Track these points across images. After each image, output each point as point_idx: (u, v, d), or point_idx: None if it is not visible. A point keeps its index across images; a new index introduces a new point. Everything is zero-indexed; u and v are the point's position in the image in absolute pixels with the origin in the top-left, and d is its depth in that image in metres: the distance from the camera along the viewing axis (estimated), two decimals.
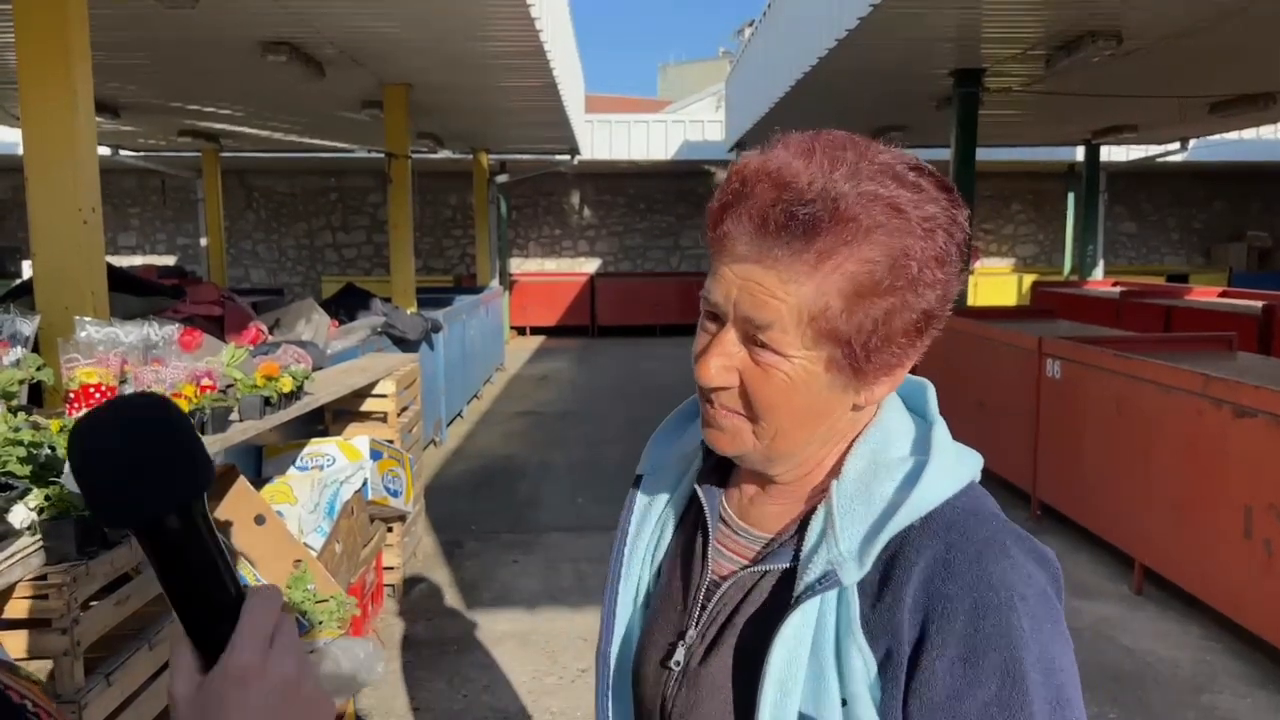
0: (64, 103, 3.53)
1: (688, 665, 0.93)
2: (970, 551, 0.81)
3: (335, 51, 7.04)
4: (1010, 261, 18.88)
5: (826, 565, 0.83)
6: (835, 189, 0.80)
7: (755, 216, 0.81)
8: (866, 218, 0.79)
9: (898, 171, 0.82)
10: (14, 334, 2.74)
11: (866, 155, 0.83)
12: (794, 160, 0.82)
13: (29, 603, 1.91)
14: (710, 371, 0.86)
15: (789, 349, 0.83)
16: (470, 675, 3.99)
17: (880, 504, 0.84)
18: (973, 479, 0.88)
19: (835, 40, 7.01)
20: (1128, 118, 11.44)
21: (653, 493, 1.07)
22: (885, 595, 0.82)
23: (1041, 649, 0.79)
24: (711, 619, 0.93)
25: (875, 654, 0.81)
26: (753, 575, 0.92)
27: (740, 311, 0.84)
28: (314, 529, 3.79)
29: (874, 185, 0.80)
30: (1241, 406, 4.11)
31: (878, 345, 0.83)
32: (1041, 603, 0.81)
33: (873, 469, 0.87)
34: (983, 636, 0.78)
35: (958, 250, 0.84)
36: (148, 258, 17.71)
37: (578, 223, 18.71)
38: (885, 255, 0.80)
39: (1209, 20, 6.35)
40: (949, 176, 4.17)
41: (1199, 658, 4.15)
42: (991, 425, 6.48)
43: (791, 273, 0.80)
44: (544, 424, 9.43)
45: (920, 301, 0.82)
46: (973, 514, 0.84)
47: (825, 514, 0.86)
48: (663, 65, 46.79)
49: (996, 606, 0.78)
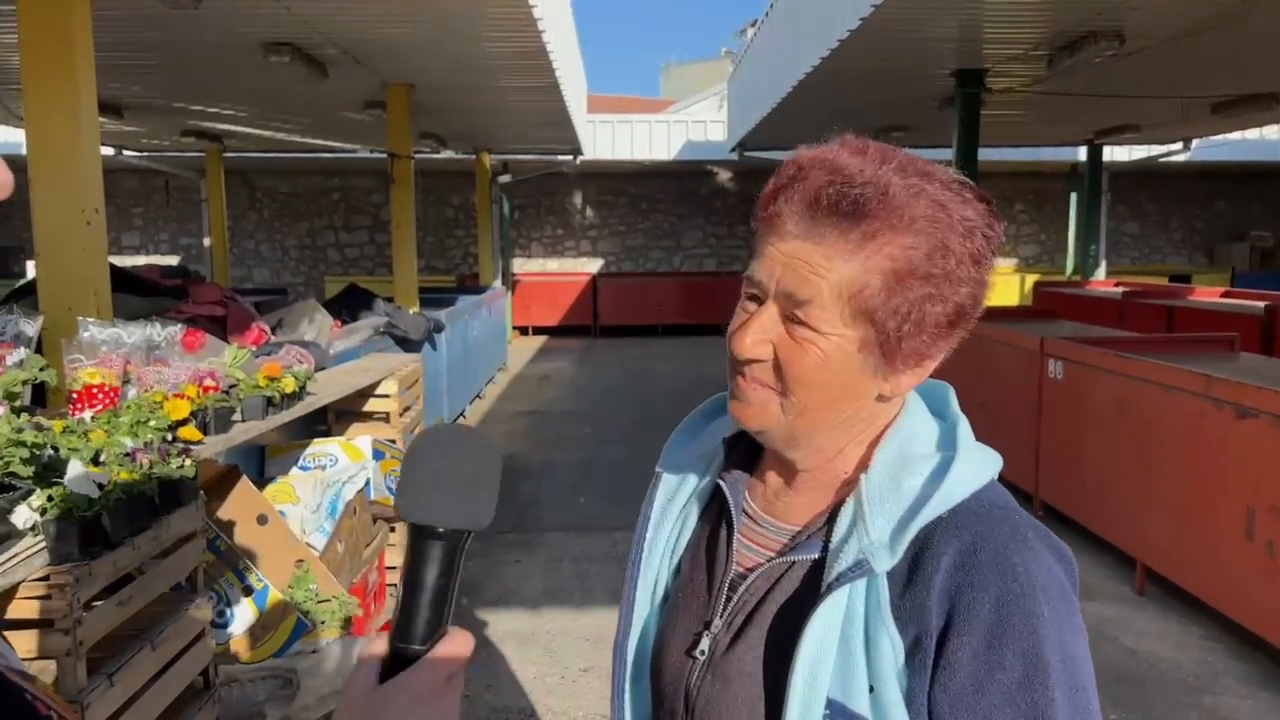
0: (67, 103, 3.54)
1: (713, 655, 0.95)
2: (996, 543, 0.84)
3: (338, 52, 7.05)
4: (1012, 262, 18.86)
5: (858, 554, 0.86)
6: (885, 178, 0.85)
7: (808, 196, 0.86)
8: (911, 208, 0.84)
9: (942, 178, 0.88)
10: (17, 334, 2.75)
11: (914, 160, 0.89)
12: (848, 154, 0.88)
13: (32, 603, 1.91)
14: (746, 343, 0.89)
15: (826, 325, 0.86)
16: (472, 675, 3.99)
17: (909, 496, 0.87)
18: (994, 476, 0.92)
19: (838, 40, 7.01)
20: (1130, 118, 11.43)
21: (672, 490, 1.08)
22: (915, 583, 0.85)
23: (1061, 638, 0.82)
24: (738, 609, 0.95)
25: (904, 640, 0.84)
26: (781, 566, 0.94)
27: (783, 287, 0.87)
28: (316, 529, 3.80)
29: (921, 181, 0.86)
30: (1244, 407, 4.11)
31: (910, 331, 0.86)
32: (1060, 594, 0.84)
33: (901, 463, 0.90)
34: (1007, 625, 0.81)
35: (991, 254, 0.89)
36: (151, 257, 17.73)
37: (580, 223, 18.71)
38: (926, 244, 0.85)
39: (1211, 20, 6.34)
40: None
41: (1201, 659, 4.15)
42: (993, 426, 6.47)
43: (836, 249, 0.85)
44: (546, 424, 9.44)
45: (954, 295, 0.87)
46: (997, 507, 0.88)
47: (855, 505, 0.89)
48: (665, 65, 46.83)
49: (1020, 596, 0.82)
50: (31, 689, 0.64)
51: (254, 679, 2.89)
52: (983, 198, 0.89)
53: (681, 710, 0.97)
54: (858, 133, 0.92)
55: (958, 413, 0.97)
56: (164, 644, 2.28)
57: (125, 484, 2.10)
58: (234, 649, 3.04)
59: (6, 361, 2.48)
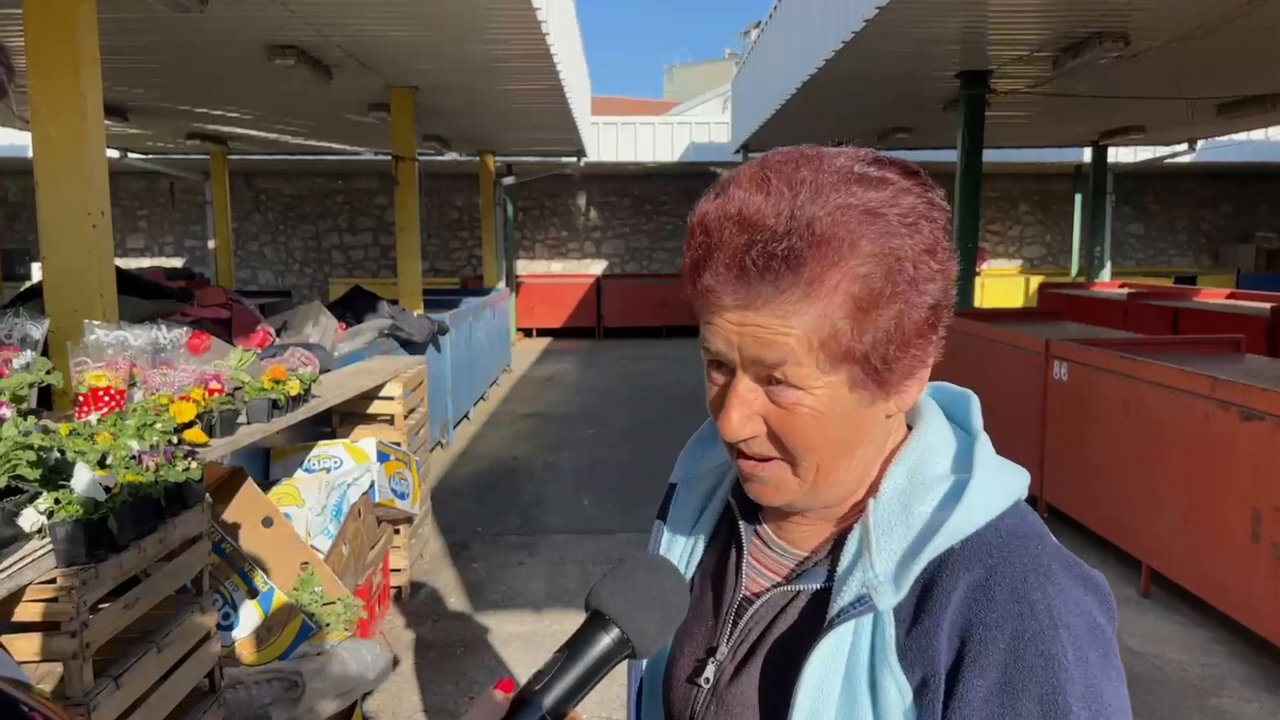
0: (73, 106, 3.55)
1: (717, 683, 0.91)
2: (1013, 577, 0.77)
3: (342, 55, 7.06)
4: (1017, 263, 18.84)
5: (861, 588, 0.80)
6: (804, 214, 0.76)
7: (733, 265, 0.77)
8: (845, 232, 0.76)
9: (858, 173, 0.79)
10: (24, 337, 2.75)
11: (822, 167, 0.79)
12: (752, 196, 0.78)
13: (39, 606, 1.92)
14: (733, 425, 0.81)
15: (808, 380, 0.79)
16: (477, 677, 3.99)
17: (919, 524, 0.81)
18: (1019, 498, 0.84)
19: (841, 42, 7.01)
20: (1135, 119, 11.42)
21: (685, 504, 1.04)
22: (922, 621, 0.78)
23: (1087, 682, 0.74)
24: (743, 637, 0.91)
25: (910, 682, 0.78)
26: (784, 595, 0.89)
27: (747, 354, 0.80)
28: (321, 531, 3.80)
29: (841, 197, 0.77)
30: (1249, 409, 4.10)
31: (895, 354, 0.80)
32: (1090, 632, 0.77)
33: (912, 487, 0.84)
34: (1023, 666, 0.74)
35: (944, 234, 0.81)
36: (156, 260, 17.78)
37: (584, 224, 18.72)
38: (877, 264, 0.77)
39: (1216, 21, 6.33)
40: (955, 178, 4.21)
41: (1206, 661, 4.14)
42: (998, 428, 6.40)
43: (787, 306, 0.77)
44: (550, 426, 9.44)
45: (925, 298, 0.80)
46: (1016, 536, 0.80)
47: (861, 534, 0.83)
48: (669, 67, 46.84)
49: (1038, 635, 0.74)
50: (27, 699, 0.64)
51: (259, 681, 2.90)
52: (907, 170, 0.81)
53: None
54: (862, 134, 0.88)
55: (979, 428, 0.88)
56: (169, 646, 2.29)
57: (131, 487, 2.11)
58: (239, 651, 3.04)
59: (13, 364, 2.48)
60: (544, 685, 0.77)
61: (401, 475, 4.43)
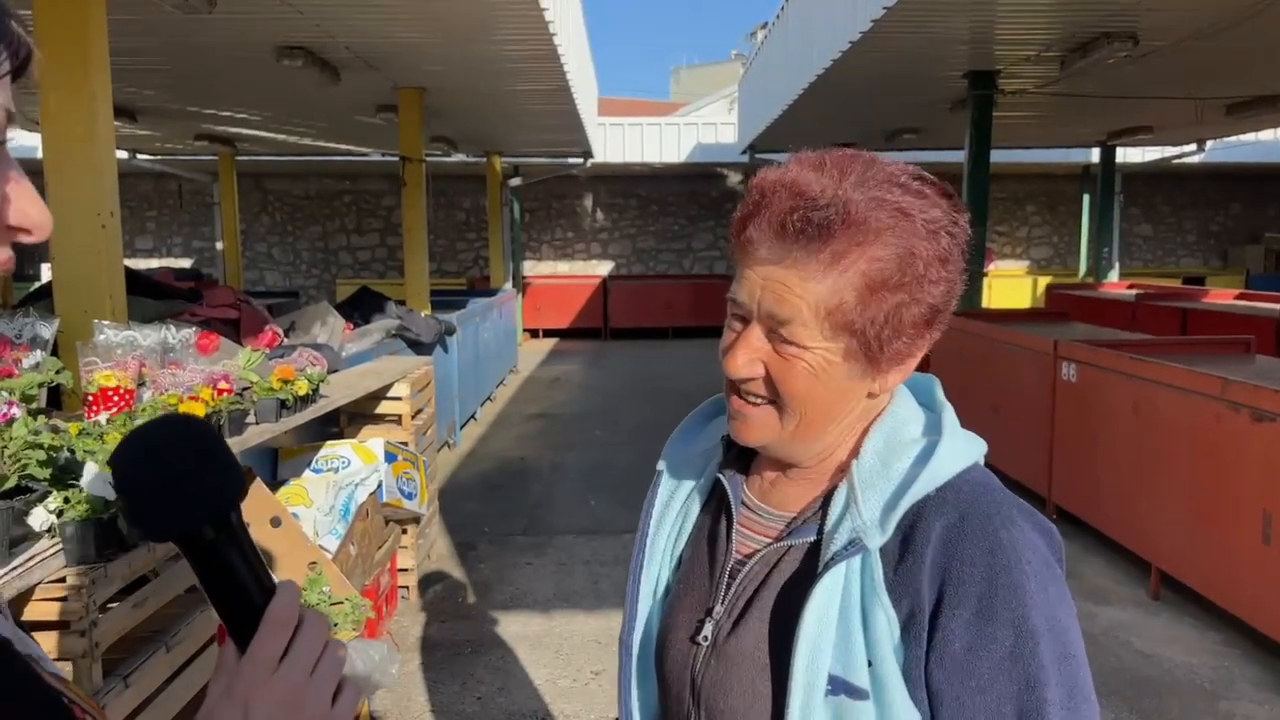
0: (83, 107, 3.56)
1: (716, 639, 0.99)
2: (982, 519, 0.88)
3: (350, 56, 7.07)
4: (1025, 264, 18.79)
5: (851, 533, 0.90)
6: (846, 195, 0.88)
7: (775, 222, 0.89)
8: (875, 221, 0.87)
9: (902, 181, 0.90)
10: (33, 338, 2.76)
11: (873, 167, 0.91)
12: (806, 172, 0.91)
13: (48, 605, 1.92)
14: (738, 363, 0.93)
15: (809, 341, 0.90)
16: (484, 677, 4.00)
17: (898, 478, 0.92)
18: (979, 459, 0.97)
19: (849, 42, 7.00)
20: (1144, 119, 11.37)
21: (673, 488, 1.13)
22: (906, 559, 0.89)
23: (1049, 609, 0.86)
24: (739, 594, 0.99)
25: (899, 614, 0.88)
26: (776, 551, 0.98)
27: (764, 308, 0.91)
28: (329, 531, 3.81)
29: (881, 191, 0.88)
30: (1260, 410, 4.08)
31: (890, 336, 0.90)
32: (1046, 568, 0.88)
33: (889, 448, 0.95)
34: (996, 596, 0.85)
35: (960, 251, 0.92)
36: (164, 260, 17.83)
37: (590, 225, 18.73)
38: (894, 254, 0.88)
39: (1226, 21, 6.30)
40: (963, 179, 4.22)
41: (1216, 664, 4.12)
42: (1006, 429, 6.44)
43: (809, 271, 0.88)
44: (557, 426, 9.44)
45: (927, 297, 0.90)
46: (982, 486, 0.93)
47: (848, 489, 0.94)
48: (675, 68, 46.79)
49: (1007, 568, 0.86)
50: (68, 692, 0.64)
51: None
52: (944, 193, 0.92)
53: (688, 696, 1.00)
54: (870, 135, 0.94)
55: (943, 401, 1.01)
56: (179, 646, 2.29)
57: None
58: None
59: (23, 364, 2.49)
60: (222, 622, 0.67)
61: (409, 475, 4.44)
